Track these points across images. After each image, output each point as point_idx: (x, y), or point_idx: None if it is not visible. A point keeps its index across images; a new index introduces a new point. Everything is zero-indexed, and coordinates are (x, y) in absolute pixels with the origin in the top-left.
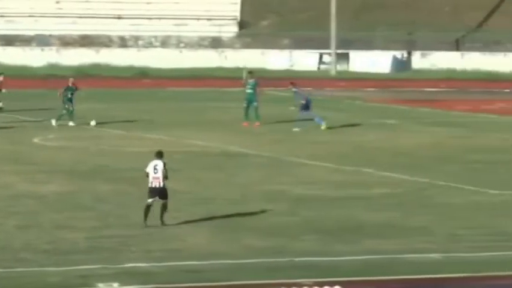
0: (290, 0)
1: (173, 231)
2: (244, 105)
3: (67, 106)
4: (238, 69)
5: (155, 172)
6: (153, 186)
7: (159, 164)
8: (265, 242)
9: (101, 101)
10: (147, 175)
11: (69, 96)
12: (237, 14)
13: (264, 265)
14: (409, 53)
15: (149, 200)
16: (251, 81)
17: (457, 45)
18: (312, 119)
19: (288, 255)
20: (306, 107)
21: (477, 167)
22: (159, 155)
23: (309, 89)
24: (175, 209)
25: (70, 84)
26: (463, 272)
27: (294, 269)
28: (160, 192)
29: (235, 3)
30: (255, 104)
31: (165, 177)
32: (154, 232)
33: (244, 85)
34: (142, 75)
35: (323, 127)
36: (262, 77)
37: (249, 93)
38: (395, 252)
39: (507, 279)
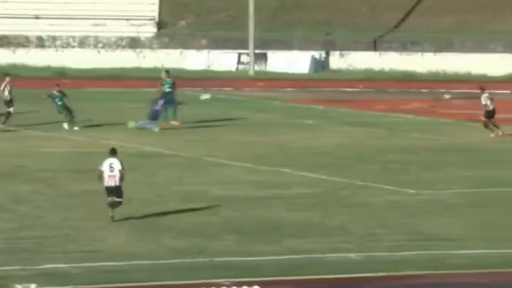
0: (208, 0)
1: (92, 232)
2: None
3: (64, 113)
4: (157, 70)
5: (111, 170)
6: (109, 185)
7: (115, 162)
8: (185, 242)
9: (20, 102)
10: (101, 174)
11: (58, 102)
12: (155, 14)
13: (183, 265)
14: (327, 53)
15: (109, 199)
16: (168, 80)
17: (375, 46)
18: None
19: (207, 255)
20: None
21: (394, 166)
22: (113, 152)
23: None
24: (93, 210)
25: (55, 92)
26: (381, 271)
27: (213, 269)
28: (116, 191)
29: (153, 4)
30: (173, 103)
31: (121, 178)
32: (72, 233)
33: (160, 85)
34: (60, 75)
35: (156, 129)
36: (180, 77)
37: (168, 93)
38: (314, 251)
39: (424, 279)
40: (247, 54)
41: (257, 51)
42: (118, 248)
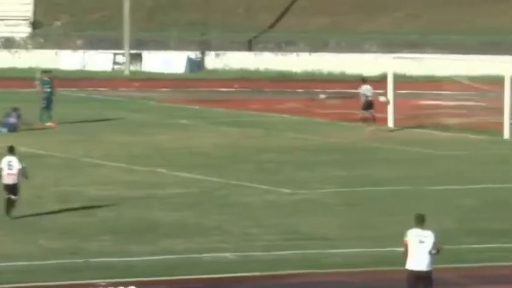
0: (83, 0)
1: None
2: (43, 105)
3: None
4: (31, 70)
5: (9, 168)
6: (6, 182)
7: (13, 160)
8: (61, 243)
9: None
10: None
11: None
12: (30, 14)
13: (59, 266)
14: (203, 54)
15: (7, 197)
16: (47, 79)
17: (250, 46)
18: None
19: (83, 256)
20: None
21: (270, 166)
22: (11, 150)
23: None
24: None
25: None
26: (257, 271)
27: (89, 270)
28: (13, 189)
29: (28, 4)
30: (51, 104)
31: (25, 176)
32: None
33: (37, 86)
34: None
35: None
36: (56, 77)
37: (48, 93)
38: (190, 251)
39: (299, 278)
40: (123, 54)
41: (132, 51)
42: None
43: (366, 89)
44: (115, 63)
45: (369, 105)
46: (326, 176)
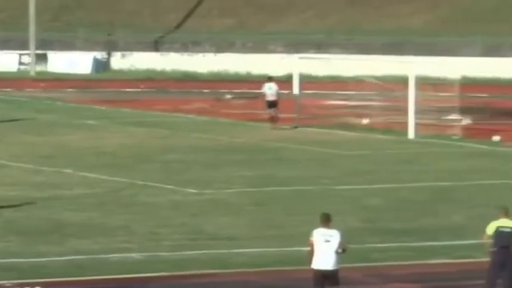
0: None
1: None
2: None
3: None
4: None
5: None
6: None
7: None
8: None
9: None
10: None
11: None
12: None
13: None
14: (109, 54)
15: None
16: None
17: (156, 46)
18: None
19: None
20: None
21: (176, 166)
22: None
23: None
24: None
25: None
26: (164, 271)
27: None
28: None
29: None
30: None
31: None
32: None
33: None
34: None
35: None
36: None
37: None
38: (97, 252)
39: (205, 278)
40: (28, 54)
41: (38, 51)
42: None
43: (268, 87)
44: (20, 63)
45: (272, 104)
46: (232, 176)
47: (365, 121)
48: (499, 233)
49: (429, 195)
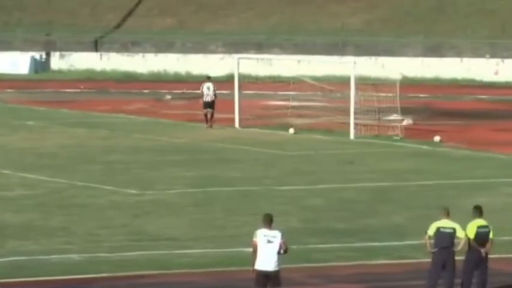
0: None
1: None
2: None
3: None
4: None
5: None
6: None
7: None
8: None
9: None
10: None
11: None
12: None
13: None
14: (48, 54)
15: None
16: None
17: (96, 46)
18: None
19: None
20: None
21: (117, 167)
22: None
23: None
24: None
25: None
26: (104, 272)
27: None
28: None
29: None
30: None
31: None
32: None
33: None
34: None
35: None
36: None
37: None
38: (37, 253)
39: (147, 278)
40: None
41: None
42: None
43: (207, 87)
44: None
45: (209, 104)
46: (173, 176)
47: (291, 131)
48: (440, 234)
49: (370, 196)
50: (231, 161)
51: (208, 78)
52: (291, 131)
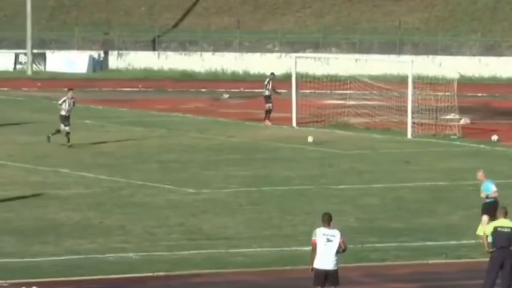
0: None
1: None
2: None
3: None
4: None
5: None
6: None
7: None
8: None
9: None
10: None
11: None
12: None
13: None
14: (106, 53)
15: None
16: None
17: (154, 45)
18: None
19: None
20: None
21: (174, 166)
22: None
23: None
24: None
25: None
26: (161, 271)
27: None
28: None
29: None
30: None
31: None
32: None
33: None
34: None
35: None
36: None
37: None
38: (94, 252)
39: (203, 277)
40: (25, 54)
41: (35, 51)
42: None
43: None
44: (18, 63)
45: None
46: (229, 175)
47: (310, 139)
48: (497, 233)
49: (427, 195)
50: (287, 160)
51: (272, 74)
52: (310, 139)
